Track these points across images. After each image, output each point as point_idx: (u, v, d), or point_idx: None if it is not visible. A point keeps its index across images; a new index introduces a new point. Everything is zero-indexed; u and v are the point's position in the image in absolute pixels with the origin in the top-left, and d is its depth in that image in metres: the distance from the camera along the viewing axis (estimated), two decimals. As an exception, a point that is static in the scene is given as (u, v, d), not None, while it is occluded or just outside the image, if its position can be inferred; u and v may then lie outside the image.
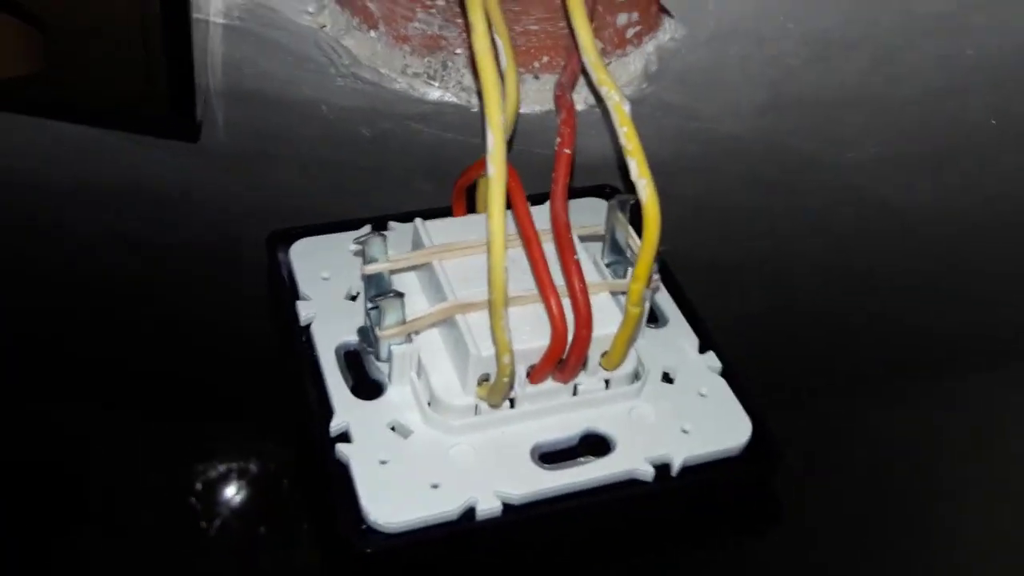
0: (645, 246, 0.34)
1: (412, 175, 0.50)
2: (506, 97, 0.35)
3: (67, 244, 0.70)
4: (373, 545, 0.34)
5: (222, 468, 1.19)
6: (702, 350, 0.41)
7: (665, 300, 0.43)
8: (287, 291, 0.41)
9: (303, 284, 0.41)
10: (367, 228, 0.43)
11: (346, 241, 0.43)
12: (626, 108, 0.34)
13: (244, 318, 0.78)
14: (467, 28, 0.33)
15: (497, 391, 0.35)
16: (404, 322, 0.37)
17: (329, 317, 0.40)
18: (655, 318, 0.42)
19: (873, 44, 0.38)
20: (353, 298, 0.41)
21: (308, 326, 0.40)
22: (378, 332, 0.37)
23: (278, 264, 0.42)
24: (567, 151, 0.36)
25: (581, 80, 0.43)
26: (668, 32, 0.38)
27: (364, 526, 0.34)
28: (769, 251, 0.63)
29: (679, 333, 0.42)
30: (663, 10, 0.37)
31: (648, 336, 0.41)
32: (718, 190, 0.54)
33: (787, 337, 0.77)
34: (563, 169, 0.36)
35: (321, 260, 0.42)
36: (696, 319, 0.42)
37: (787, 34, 0.37)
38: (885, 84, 0.41)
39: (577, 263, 0.35)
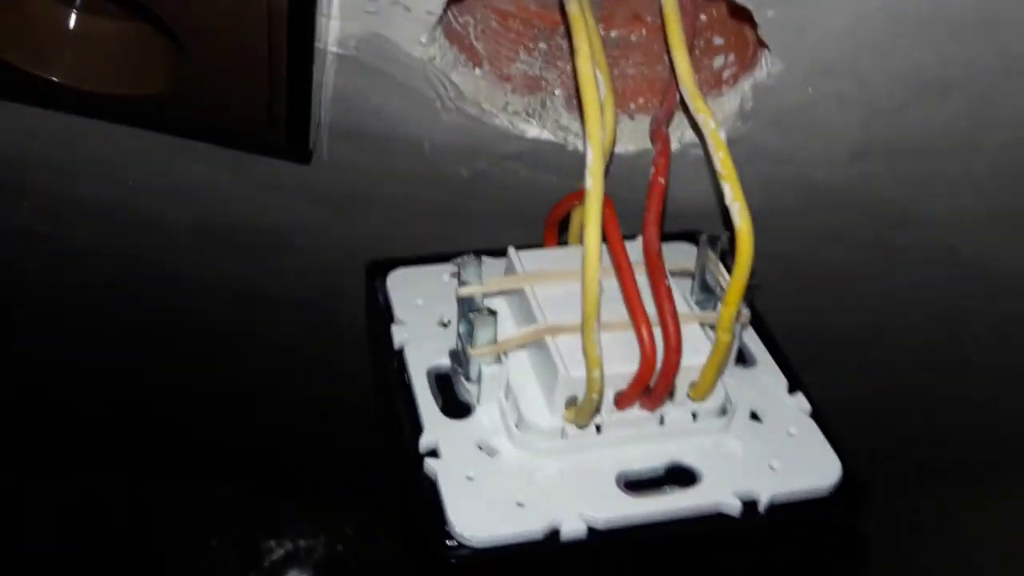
0: (737, 269, 0.34)
1: (506, 218, 0.52)
2: (604, 124, 0.36)
3: (174, 286, 0.74)
4: (458, 557, 0.34)
5: (293, 541, 1.21)
6: (791, 391, 0.41)
7: (753, 341, 0.43)
8: (382, 316, 0.42)
9: (398, 310, 0.42)
10: (462, 259, 0.44)
11: (440, 272, 0.44)
12: (722, 134, 0.35)
13: (343, 365, 0.79)
14: (571, 51, 0.34)
15: (585, 409, 0.36)
16: (495, 341, 0.37)
17: (422, 341, 0.41)
18: (743, 358, 0.42)
19: (969, 85, 0.38)
20: (445, 325, 0.42)
21: (401, 350, 0.41)
22: (470, 351, 0.37)
23: (375, 291, 0.44)
24: (661, 180, 0.37)
25: (677, 120, 0.44)
26: (764, 68, 0.38)
27: (451, 539, 0.34)
28: (862, 317, 0.63)
29: (767, 373, 0.42)
30: (761, 44, 0.37)
31: (736, 375, 0.41)
32: (810, 246, 0.54)
33: (874, 405, 0.75)
34: (656, 198, 0.37)
35: (416, 289, 0.43)
36: (785, 361, 0.42)
37: (882, 72, 0.38)
38: (980, 129, 0.41)
39: (668, 288, 0.36)
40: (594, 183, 0.33)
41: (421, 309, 0.43)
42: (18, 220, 0.65)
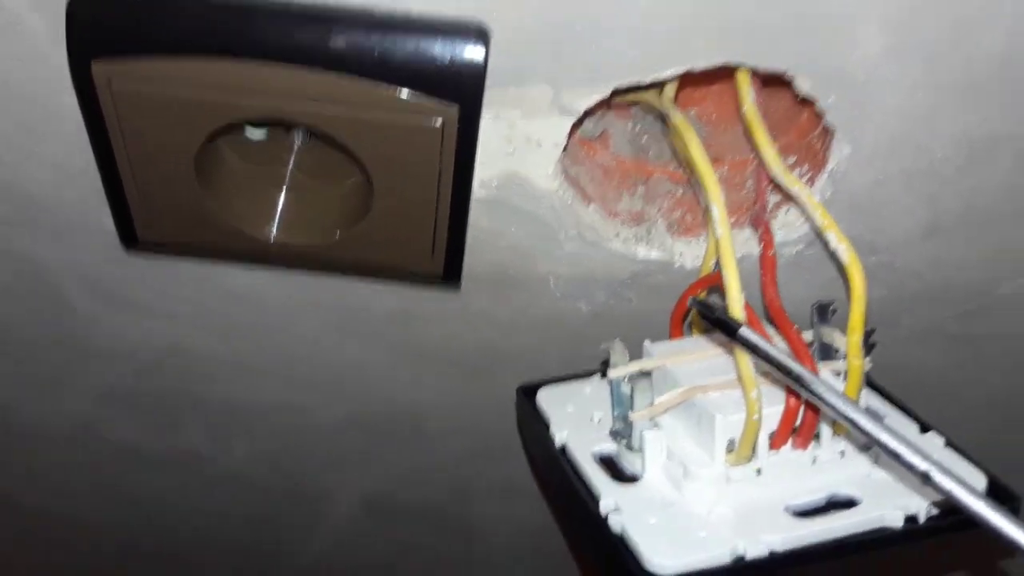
0: (855, 298, 0.40)
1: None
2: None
3: (312, 499, 0.78)
4: (658, 586, 0.37)
5: None
6: (922, 432, 0.45)
7: (877, 400, 0.47)
8: (541, 424, 0.48)
9: (552, 416, 0.48)
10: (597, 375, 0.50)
11: (582, 386, 0.50)
12: (816, 196, 0.42)
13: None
14: (685, 146, 0.42)
15: (747, 439, 0.40)
16: (652, 404, 0.43)
17: (579, 436, 0.46)
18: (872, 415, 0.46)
19: (1016, 140, 0.44)
20: (597, 422, 0.47)
21: (564, 446, 0.46)
22: (631, 415, 0.42)
23: (530, 407, 0.49)
24: (770, 254, 0.44)
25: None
26: (836, 155, 0.46)
27: (647, 571, 0.38)
28: (965, 422, 0.65)
29: (897, 423, 0.46)
30: (828, 132, 0.45)
31: (869, 427, 0.45)
32: (903, 348, 0.59)
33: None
34: (769, 266, 0.44)
35: (563, 400, 0.49)
36: (909, 411, 0.46)
37: (936, 138, 0.44)
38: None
39: (797, 331, 0.41)
40: (723, 230, 0.40)
41: (572, 413, 0.48)
42: (184, 440, 0.71)
